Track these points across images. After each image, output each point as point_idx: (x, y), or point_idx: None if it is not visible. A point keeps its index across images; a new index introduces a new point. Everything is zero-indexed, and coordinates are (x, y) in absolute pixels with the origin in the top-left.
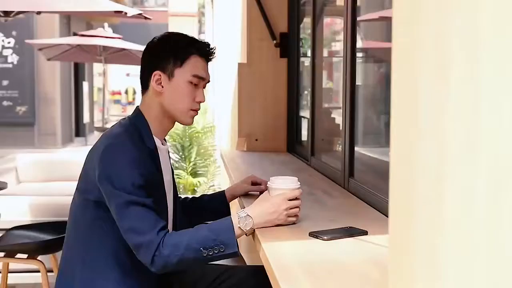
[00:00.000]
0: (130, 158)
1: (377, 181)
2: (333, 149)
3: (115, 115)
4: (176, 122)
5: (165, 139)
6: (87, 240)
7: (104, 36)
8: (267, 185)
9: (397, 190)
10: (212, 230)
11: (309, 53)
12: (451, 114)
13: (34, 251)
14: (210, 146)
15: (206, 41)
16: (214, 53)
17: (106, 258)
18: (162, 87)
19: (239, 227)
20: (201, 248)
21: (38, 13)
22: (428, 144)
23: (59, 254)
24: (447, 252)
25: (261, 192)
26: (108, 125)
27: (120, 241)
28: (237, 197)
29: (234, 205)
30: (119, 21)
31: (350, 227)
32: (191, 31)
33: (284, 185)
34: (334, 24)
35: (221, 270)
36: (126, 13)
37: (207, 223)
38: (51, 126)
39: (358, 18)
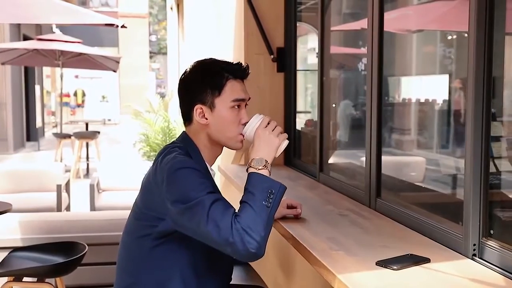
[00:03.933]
0: (196, 172)
1: (401, 199)
2: (343, 166)
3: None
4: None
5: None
6: (149, 270)
7: (63, 41)
8: (245, 137)
9: None
10: (254, 187)
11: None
12: None
13: (44, 274)
14: None
15: (238, 61)
16: (247, 70)
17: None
18: (206, 119)
19: (260, 169)
20: (263, 202)
21: None
22: None
23: (65, 276)
24: None
25: (296, 216)
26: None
27: (187, 264)
28: None
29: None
30: None
31: (411, 254)
32: (143, 32)
33: (254, 122)
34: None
35: None
36: (117, 26)
37: (243, 196)
38: (2, 131)
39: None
